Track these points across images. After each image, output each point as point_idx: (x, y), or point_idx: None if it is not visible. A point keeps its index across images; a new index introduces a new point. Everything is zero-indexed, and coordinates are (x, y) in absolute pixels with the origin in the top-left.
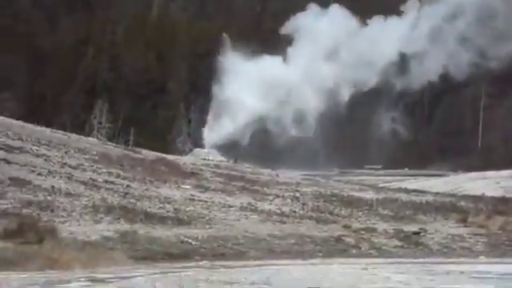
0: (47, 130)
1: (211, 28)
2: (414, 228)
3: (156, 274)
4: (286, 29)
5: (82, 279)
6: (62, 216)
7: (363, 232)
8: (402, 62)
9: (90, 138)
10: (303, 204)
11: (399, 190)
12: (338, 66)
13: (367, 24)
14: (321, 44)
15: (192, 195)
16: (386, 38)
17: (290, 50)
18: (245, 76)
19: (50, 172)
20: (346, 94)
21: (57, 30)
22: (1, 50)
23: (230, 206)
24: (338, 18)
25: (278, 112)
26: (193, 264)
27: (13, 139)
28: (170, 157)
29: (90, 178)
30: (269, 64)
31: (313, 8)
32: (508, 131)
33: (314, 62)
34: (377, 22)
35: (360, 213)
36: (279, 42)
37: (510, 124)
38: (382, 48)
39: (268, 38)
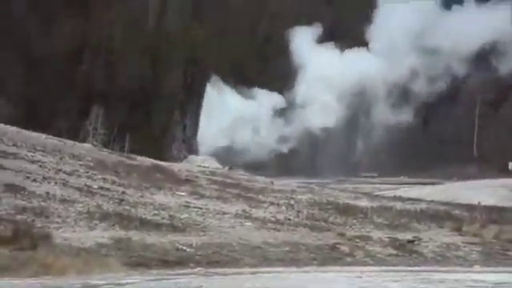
0: (42, 136)
1: (206, 34)
2: (408, 236)
3: (150, 280)
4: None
5: (76, 285)
6: (57, 222)
7: (358, 240)
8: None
9: (85, 144)
10: (298, 211)
11: (394, 198)
12: (418, 57)
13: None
14: (402, 33)
15: (187, 202)
16: (472, 26)
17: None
18: (321, 72)
19: (44, 178)
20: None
21: (53, 36)
22: None
23: (225, 213)
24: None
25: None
26: (187, 271)
27: (7, 145)
28: (165, 163)
29: (85, 185)
30: (352, 58)
31: None
32: (503, 140)
33: (394, 54)
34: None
35: (355, 221)
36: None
37: (505, 132)
38: (467, 37)
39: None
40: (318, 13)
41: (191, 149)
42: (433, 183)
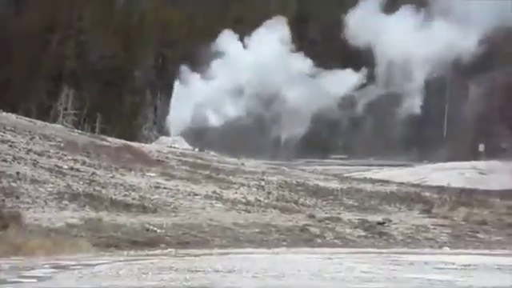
0: (12, 116)
1: (178, 15)
2: (378, 218)
3: (120, 261)
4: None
5: (46, 266)
6: (27, 202)
7: (328, 222)
8: None
9: (56, 125)
10: (268, 193)
11: (364, 180)
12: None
13: None
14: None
15: (157, 183)
16: None
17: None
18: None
19: (15, 158)
20: None
21: (23, 16)
22: None
23: (196, 195)
24: None
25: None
26: (157, 252)
27: None
28: (135, 144)
29: (56, 165)
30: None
31: None
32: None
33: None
34: None
35: (325, 202)
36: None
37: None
38: None
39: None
40: None
41: (162, 129)
42: (402, 165)
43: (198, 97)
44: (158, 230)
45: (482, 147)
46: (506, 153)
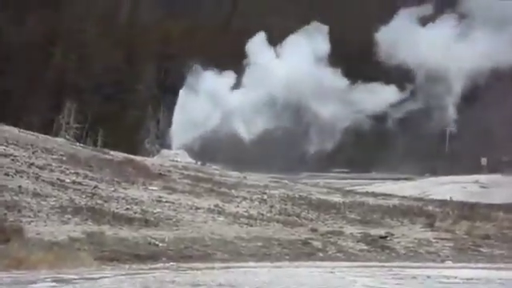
0: (15, 130)
1: (180, 28)
2: (380, 232)
3: (122, 275)
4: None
5: (48, 280)
6: (29, 216)
7: (330, 235)
8: None
9: (58, 139)
10: (271, 207)
11: (366, 193)
12: None
13: None
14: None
15: (159, 197)
16: None
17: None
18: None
19: (17, 172)
20: None
21: (24, 28)
22: None
23: (198, 208)
24: None
25: None
26: (159, 265)
27: None
28: (138, 158)
29: (58, 179)
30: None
31: None
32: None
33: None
34: None
35: (327, 216)
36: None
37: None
38: None
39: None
40: None
41: (164, 143)
42: (404, 179)
43: (223, 107)
44: (160, 244)
45: (484, 161)
46: (509, 166)
